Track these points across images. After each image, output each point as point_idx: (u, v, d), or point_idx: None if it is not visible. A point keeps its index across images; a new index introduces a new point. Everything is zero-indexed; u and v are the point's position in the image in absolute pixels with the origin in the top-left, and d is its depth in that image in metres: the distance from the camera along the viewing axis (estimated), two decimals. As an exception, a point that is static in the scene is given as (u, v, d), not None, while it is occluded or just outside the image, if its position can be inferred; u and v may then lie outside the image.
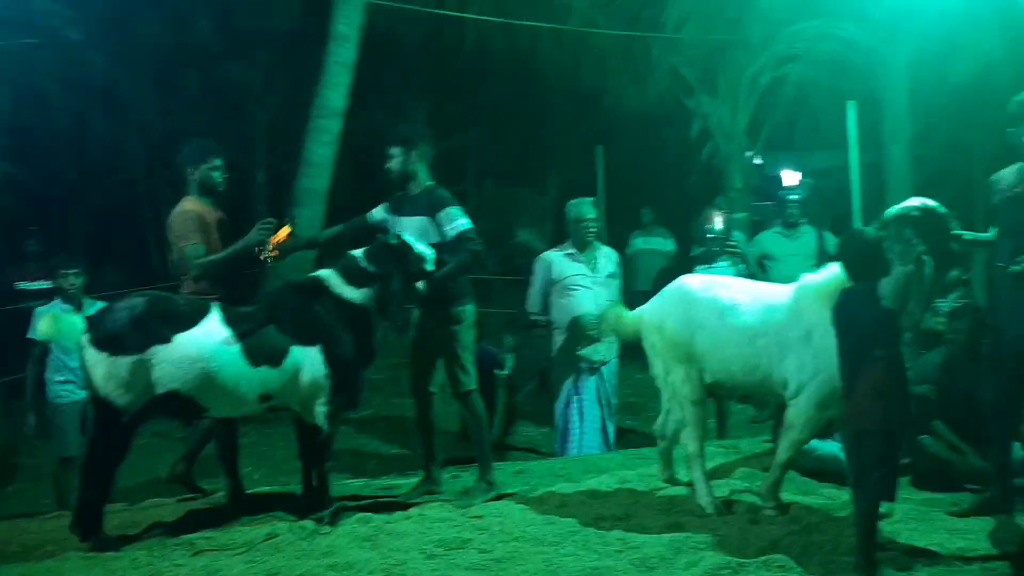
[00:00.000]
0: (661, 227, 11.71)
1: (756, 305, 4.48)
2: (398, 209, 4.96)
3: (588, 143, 13.91)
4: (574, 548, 4.11)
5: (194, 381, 4.30)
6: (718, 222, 6.52)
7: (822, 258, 6.46)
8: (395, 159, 4.95)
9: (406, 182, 4.97)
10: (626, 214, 13.35)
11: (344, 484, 5.32)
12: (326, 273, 4.69)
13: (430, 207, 4.85)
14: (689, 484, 4.83)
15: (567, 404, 6.25)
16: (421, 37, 11.67)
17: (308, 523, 4.51)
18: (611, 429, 6.32)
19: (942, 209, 4.21)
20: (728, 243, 6.48)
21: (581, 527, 4.37)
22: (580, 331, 6.20)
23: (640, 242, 11.42)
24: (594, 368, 6.26)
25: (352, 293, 4.65)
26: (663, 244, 11.30)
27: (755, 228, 11.03)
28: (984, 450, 4.83)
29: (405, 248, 4.65)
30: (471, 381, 4.99)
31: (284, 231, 4.81)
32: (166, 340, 4.29)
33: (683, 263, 6.67)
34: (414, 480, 5.35)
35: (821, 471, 5.08)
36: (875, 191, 10.21)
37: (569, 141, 19.51)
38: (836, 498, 4.67)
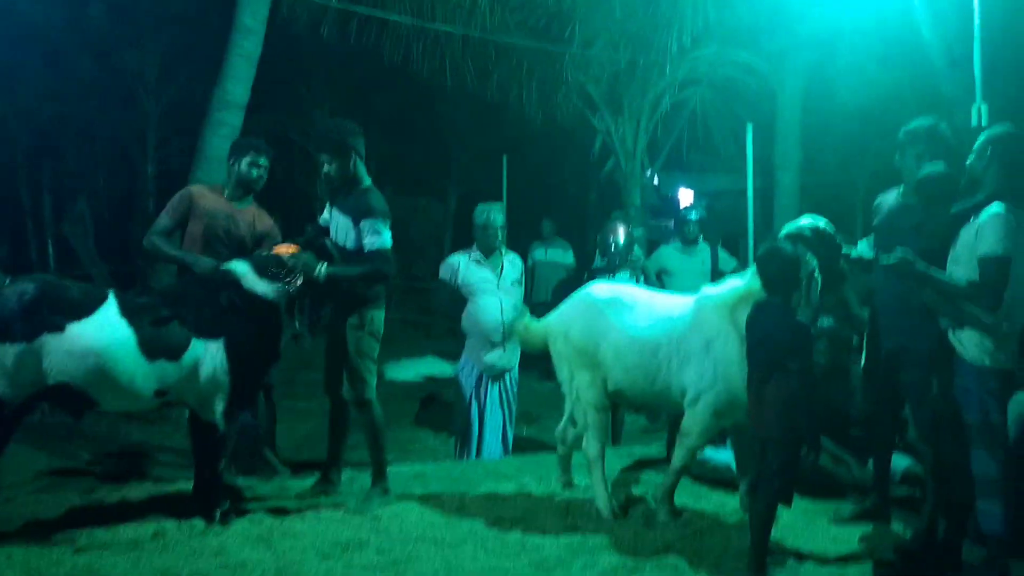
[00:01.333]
0: (561, 239, 11.91)
1: (659, 316, 4.56)
2: (335, 203, 4.90)
3: (490, 154, 14.02)
4: (473, 549, 4.11)
5: (87, 374, 4.06)
6: (621, 235, 6.62)
7: (716, 274, 6.70)
8: (332, 165, 4.80)
9: (347, 186, 4.84)
10: (527, 225, 13.49)
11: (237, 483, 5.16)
12: (239, 266, 4.55)
13: (357, 211, 4.72)
14: (587, 489, 4.89)
15: (469, 409, 6.24)
16: (323, 37, 11.48)
17: (197, 522, 4.36)
18: (510, 436, 6.35)
19: (832, 228, 4.38)
20: (629, 256, 6.61)
21: (480, 529, 4.38)
22: (485, 337, 6.20)
23: (540, 253, 11.57)
24: (497, 374, 6.26)
25: (263, 288, 4.51)
26: (563, 256, 11.48)
27: (651, 246, 11.35)
28: (863, 461, 5.04)
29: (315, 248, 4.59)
30: (367, 390, 4.87)
31: (288, 248, 4.66)
32: (59, 329, 4.05)
33: (582, 276, 6.73)
34: (309, 482, 5.25)
35: (713, 479, 5.20)
36: (765, 215, 10.71)
37: (471, 151, 19.61)
38: (726, 504, 4.79)
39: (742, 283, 4.31)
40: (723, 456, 5.19)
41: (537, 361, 6.16)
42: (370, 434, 4.95)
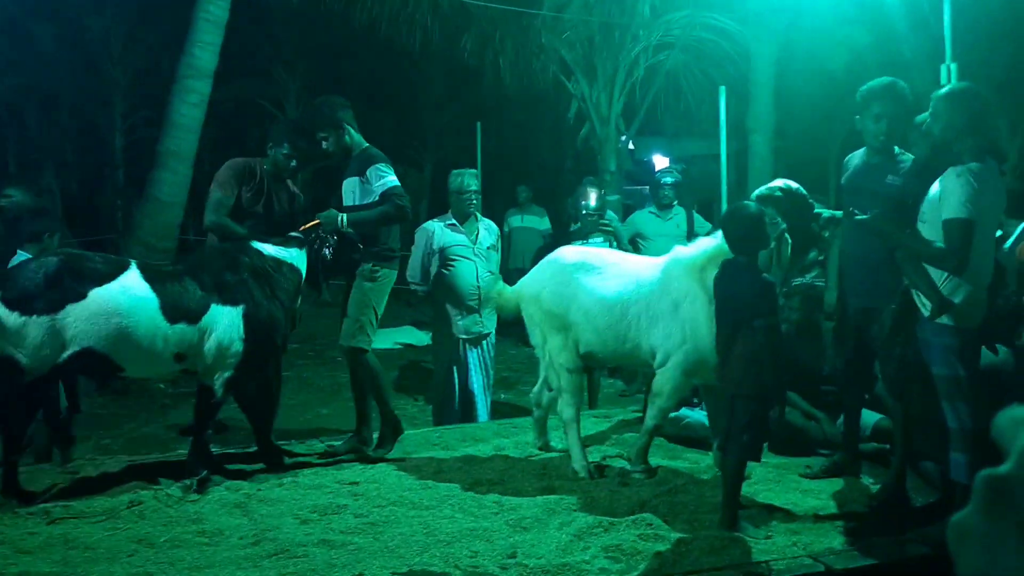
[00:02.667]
0: (537, 205, 11.90)
1: (627, 277, 4.58)
2: (343, 178, 5.13)
3: (464, 121, 13.96)
4: (451, 511, 4.14)
5: (109, 337, 4.14)
6: (592, 199, 6.65)
7: (692, 238, 6.65)
8: (329, 141, 5.04)
9: (347, 155, 5.08)
10: (502, 192, 13.46)
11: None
12: (256, 241, 4.69)
13: (359, 168, 4.93)
14: (564, 451, 4.93)
15: (447, 375, 6.24)
16: (296, 2, 11.34)
17: (175, 490, 4.38)
18: (488, 400, 6.36)
19: (803, 191, 4.41)
20: (602, 220, 6.65)
21: (458, 491, 4.41)
22: (461, 302, 6.20)
23: (516, 220, 11.56)
24: (474, 339, 6.27)
25: (283, 253, 4.69)
26: (539, 223, 11.47)
27: (626, 211, 11.37)
28: (833, 417, 5.12)
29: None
30: (364, 341, 4.99)
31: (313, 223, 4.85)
32: (81, 296, 4.12)
33: (559, 242, 6.73)
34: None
35: (687, 437, 5.26)
36: (738, 178, 10.75)
37: (446, 118, 19.49)
38: (700, 462, 4.86)
39: (711, 244, 4.33)
40: (697, 415, 5.24)
41: (513, 327, 6.19)
42: (360, 387, 5.06)
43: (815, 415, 5.19)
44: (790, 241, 4.16)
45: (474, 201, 6.29)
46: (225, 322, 4.42)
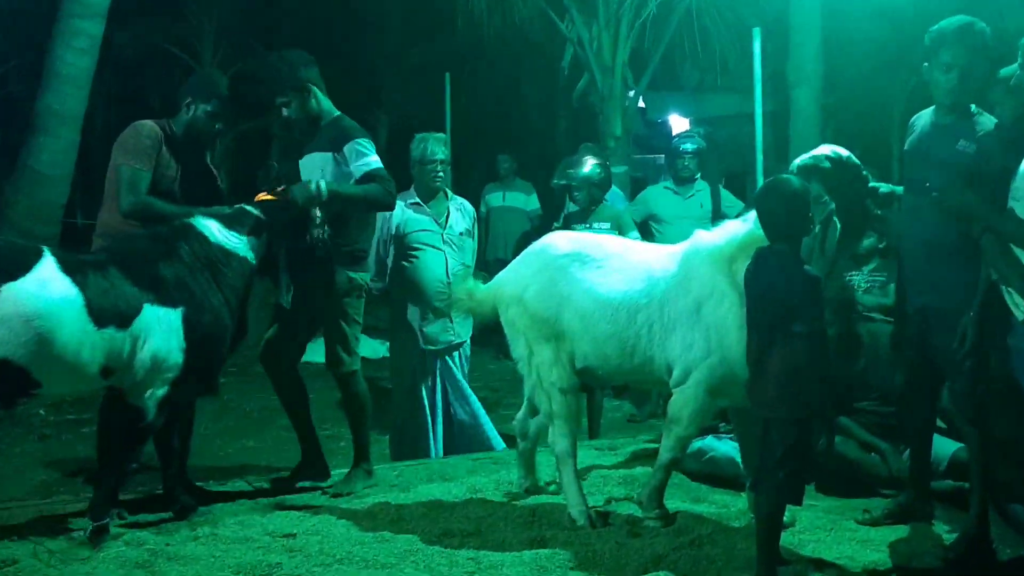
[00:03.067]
0: (522, 180, 11.85)
1: (636, 271, 4.60)
2: (304, 152, 5.24)
3: (429, 72, 13.83)
4: (414, 570, 4.11)
5: (28, 345, 4.09)
6: (588, 165, 6.64)
7: (718, 220, 6.67)
8: (291, 107, 5.14)
9: (314, 125, 5.19)
10: (479, 162, 13.37)
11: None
12: (202, 220, 4.70)
13: (333, 141, 5.03)
14: (556, 492, 4.92)
15: (409, 396, 6.23)
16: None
17: (56, 544, 4.35)
18: (461, 428, 6.37)
19: (856, 160, 4.45)
20: (594, 190, 6.64)
21: (423, 545, 4.39)
22: (426, 303, 6.20)
23: (496, 198, 11.53)
24: (444, 351, 6.27)
25: (234, 242, 4.72)
26: (525, 201, 11.47)
27: (635, 186, 11.37)
28: (899, 447, 5.13)
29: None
30: (355, 361, 5.23)
31: (266, 196, 4.92)
32: None
33: (549, 226, 6.83)
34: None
35: (713, 475, 5.24)
36: (777, 144, 10.76)
37: (406, 69, 19.37)
38: (730, 506, 4.85)
39: (742, 228, 4.34)
40: (725, 446, 5.26)
41: (493, 335, 6.32)
42: (353, 410, 5.34)
43: (876, 446, 5.18)
44: (839, 225, 4.27)
45: (441, 174, 6.27)
46: (162, 328, 4.42)
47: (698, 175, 7.71)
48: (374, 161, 5.02)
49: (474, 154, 12.20)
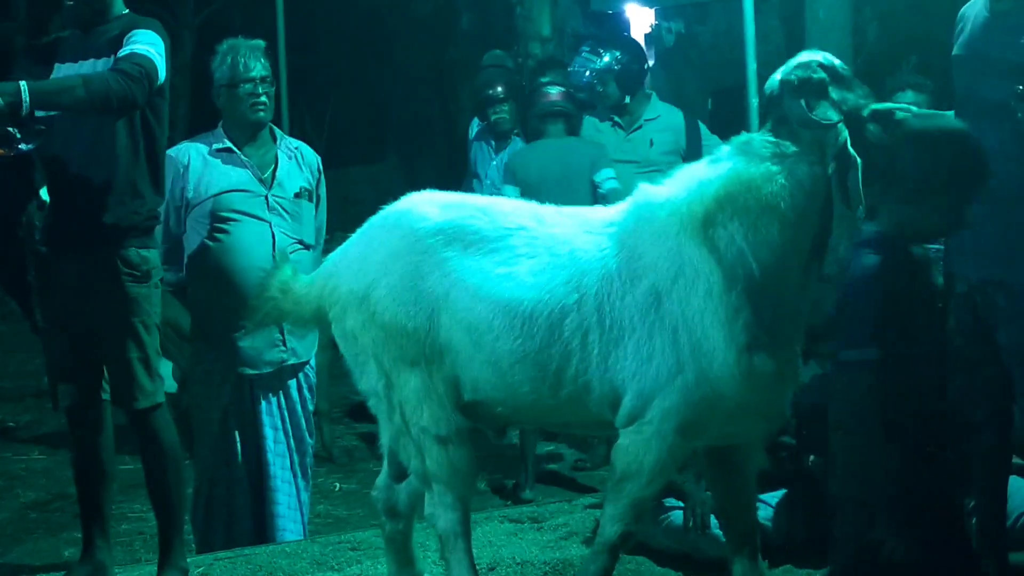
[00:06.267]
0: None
1: (554, 254, 3.88)
2: (65, 55, 4.51)
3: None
4: None
5: None
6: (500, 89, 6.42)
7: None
8: None
9: (97, 22, 4.49)
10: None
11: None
12: None
13: (113, 42, 4.36)
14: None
15: (219, 448, 5.28)
16: None
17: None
18: (304, 495, 5.47)
19: (845, 68, 3.77)
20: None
21: None
22: (244, 303, 5.08)
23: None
24: (273, 376, 5.29)
25: None
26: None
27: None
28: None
29: None
30: (157, 389, 4.46)
31: None
32: None
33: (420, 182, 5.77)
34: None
35: (683, 553, 4.62)
36: (791, 43, 9.09)
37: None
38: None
39: (717, 171, 3.69)
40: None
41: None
42: (159, 471, 4.50)
43: None
44: (859, 161, 3.53)
45: (264, 100, 5.25)
46: None
47: (650, 94, 6.75)
48: (142, 48, 4.23)
49: (319, 74, 10.79)
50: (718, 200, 3.59)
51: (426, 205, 4.00)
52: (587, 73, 6.77)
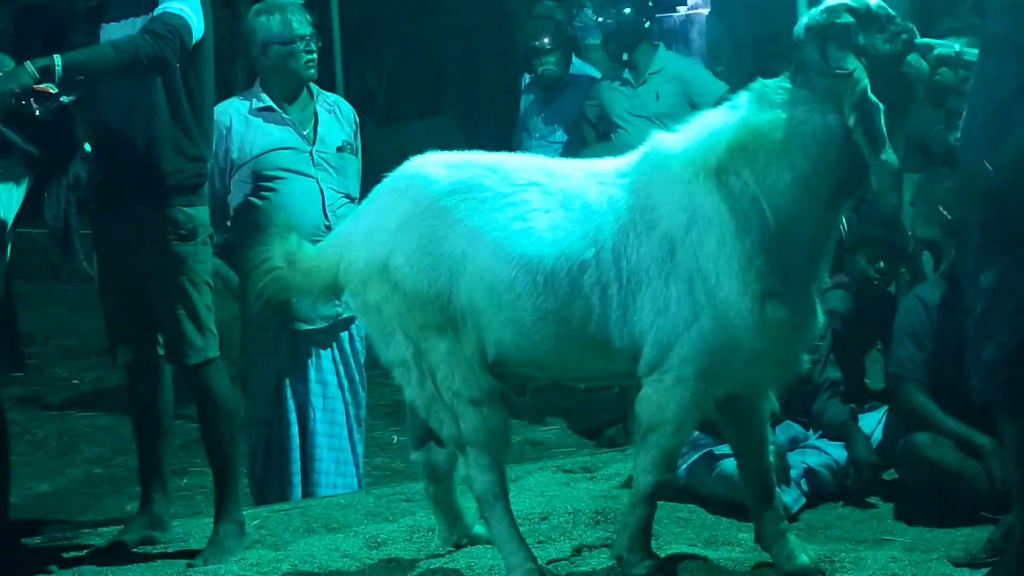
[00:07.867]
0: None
1: (569, 207, 3.87)
2: (111, 14, 4.40)
3: None
4: None
5: None
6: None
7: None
8: None
9: None
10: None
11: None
12: None
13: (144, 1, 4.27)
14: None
15: (274, 403, 5.29)
16: None
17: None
18: (359, 447, 5.47)
19: (888, 9, 3.66)
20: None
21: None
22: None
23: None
24: (327, 331, 5.29)
25: None
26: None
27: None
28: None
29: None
30: (211, 346, 4.39)
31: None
32: None
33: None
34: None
35: (717, 497, 4.63)
36: None
37: None
38: (745, 541, 4.24)
39: (730, 117, 3.68)
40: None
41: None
42: (213, 427, 4.48)
43: (973, 441, 4.44)
44: (881, 106, 3.51)
45: (312, 58, 5.21)
46: None
47: (631, 53, 6.65)
48: (173, 7, 4.14)
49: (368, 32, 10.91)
50: (730, 148, 3.57)
51: (434, 167, 3.96)
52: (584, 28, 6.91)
